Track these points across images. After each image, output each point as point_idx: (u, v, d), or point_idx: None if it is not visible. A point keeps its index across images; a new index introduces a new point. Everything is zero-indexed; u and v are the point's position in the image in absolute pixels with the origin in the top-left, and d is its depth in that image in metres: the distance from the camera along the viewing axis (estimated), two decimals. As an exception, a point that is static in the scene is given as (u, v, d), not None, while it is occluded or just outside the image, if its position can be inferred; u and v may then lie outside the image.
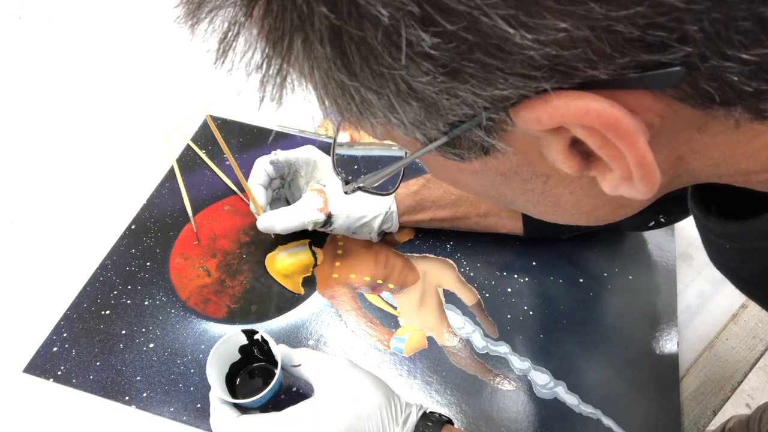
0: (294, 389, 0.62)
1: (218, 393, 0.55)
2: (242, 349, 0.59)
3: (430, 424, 0.51)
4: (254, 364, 0.61)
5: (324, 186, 0.69)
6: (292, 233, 0.68)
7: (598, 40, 0.21)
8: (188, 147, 0.85)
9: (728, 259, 0.39)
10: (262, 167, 0.70)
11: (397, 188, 0.44)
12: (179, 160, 0.83)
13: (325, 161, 0.72)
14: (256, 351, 0.60)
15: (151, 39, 1.02)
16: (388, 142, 0.32)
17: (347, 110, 0.26)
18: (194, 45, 0.27)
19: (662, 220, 0.68)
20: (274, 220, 0.67)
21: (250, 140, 0.86)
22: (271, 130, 0.87)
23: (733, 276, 0.42)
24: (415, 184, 0.69)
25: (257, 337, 0.58)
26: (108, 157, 0.85)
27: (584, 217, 0.33)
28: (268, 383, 0.55)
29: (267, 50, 0.24)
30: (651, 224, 0.69)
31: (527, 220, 0.70)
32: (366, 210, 0.68)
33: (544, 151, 0.27)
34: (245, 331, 0.58)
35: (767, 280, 0.37)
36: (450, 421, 0.53)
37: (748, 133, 0.26)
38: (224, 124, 0.88)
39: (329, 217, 0.66)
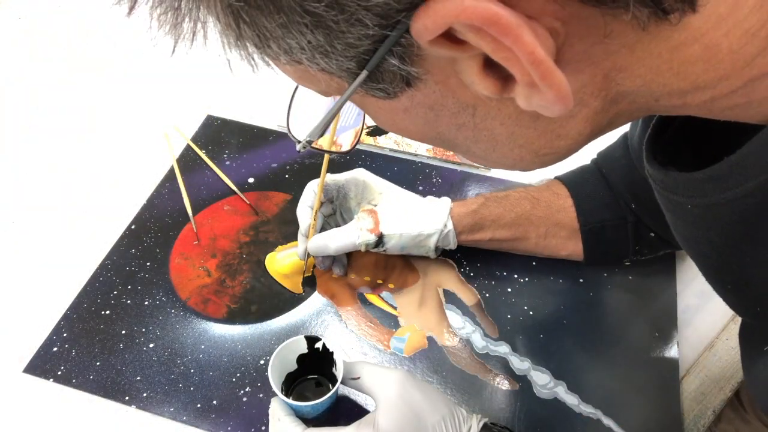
0: (348, 400, 0.61)
1: (282, 398, 0.54)
2: (299, 359, 0.59)
3: None
4: (308, 377, 0.60)
5: (375, 206, 0.67)
6: (290, 235, 0.68)
7: None
8: (188, 147, 0.85)
9: (692, 226, 0.39)
10: (311, 189, 0.68)
11: (329, 126, 0.38)
12: (179, 160, 0.83)
13: (375, 182, 0.70)
14: (312, 360, 0.59)
15: (152, 39, 1.02)
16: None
17: (256, 44, 0.27)
18: (195, 46, 0.28)
19: (637, 249, 0.68)
20: (327, 241, 0.66)
21: (250, 140, 0.86)
22: (272, 130, 0.87)
23: (696, 252, 0.41)
24: (474, 203, 0.67)
25: (318, 345, 0.57)
26: (108, 157, 0.85)
27: (524, 152, 0.33)
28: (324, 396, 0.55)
29: None
30: (630, 256, 0.69)
31: (587, 241, 0.68)
32: (420, 228, 0.65)
33: (462, 77, 0.27)
34: (308, 338, 0.57)
35: (728, 250, 0.37)
36: (512, 431, 0.53)
37: (661, 38, 0.26)
38: (224, 124, 0.88)
39: (380, 237, 0.65)
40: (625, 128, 0.65)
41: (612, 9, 0.25)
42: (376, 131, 0.87)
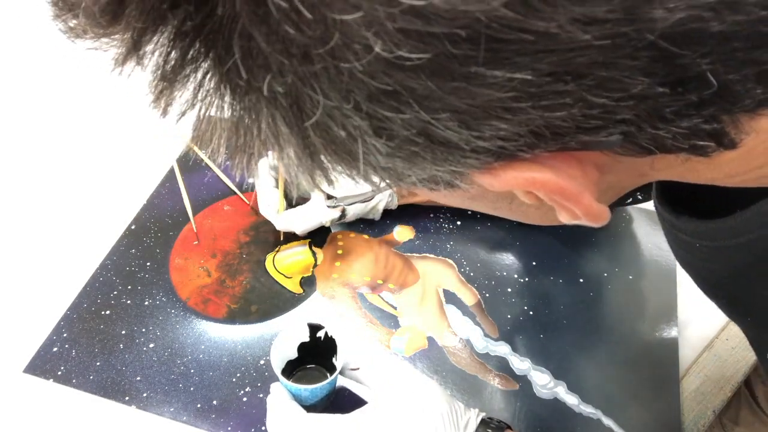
0: (347, 393, 0.60)
1: (283, 380, 0.54)
2: (300, 347, 0.58)
3: (489, 431, 0.51)
4: (307, 366, 0.60)
5: None
6: (290, 235, 0.68)
7: (539, 131, 0.23)
8: (188, 147, 0.85)
9: (695, 258, 0.40)
10: (267, 171, 0.70)
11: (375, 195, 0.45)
12: (179, 160, 0.83)
13: None
14: (312, 349, 0.58)
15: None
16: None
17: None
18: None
19: (639, 197, 0.68)
20: (293, 221, 0.69)
21: (250, 140, 0.86)
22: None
23: (696, 275, 0.43)
24: None
25: (320, 334, 0.57)
26: (108, 158, 0.85)
27: (554, 221, 0.36)
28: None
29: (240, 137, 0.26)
30: (629, 201, 0.69)
31: None
32: (374, 199, 0.71)
33: None
34: (310, 325, 0.57)
35: (729, 280, 0.38)
36: (509, 427, 0.53)
37: (701, 162, 0.27)
38: (224, 124, 0.88)
39: (343, 212, 0.70)
40: None
41: (660, 153, 0.26)
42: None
